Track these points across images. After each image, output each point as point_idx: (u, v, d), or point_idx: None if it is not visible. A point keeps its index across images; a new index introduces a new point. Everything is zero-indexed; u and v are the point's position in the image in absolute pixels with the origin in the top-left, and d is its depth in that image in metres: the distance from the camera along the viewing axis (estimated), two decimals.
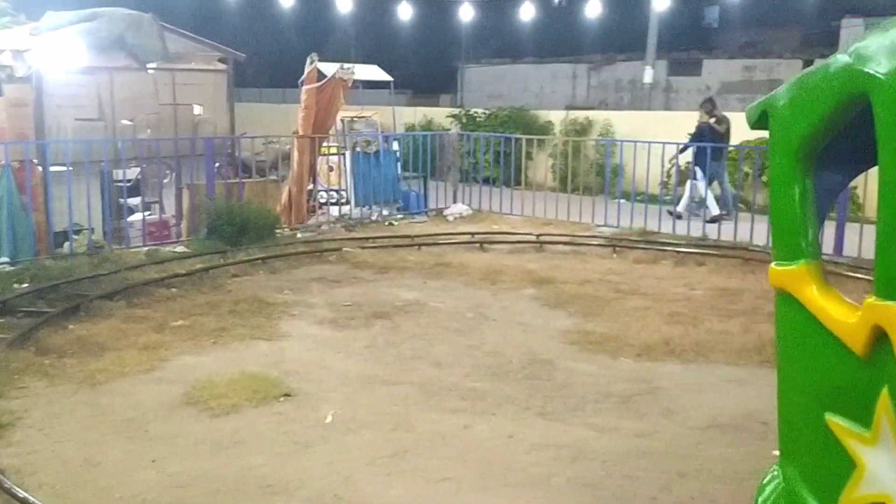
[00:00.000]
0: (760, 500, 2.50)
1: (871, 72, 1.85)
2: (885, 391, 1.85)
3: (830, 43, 26.77)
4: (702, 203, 11.45)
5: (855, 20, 25.73)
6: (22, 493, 3.47)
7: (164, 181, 10.24)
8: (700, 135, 11.73)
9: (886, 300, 1.83)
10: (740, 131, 12.88)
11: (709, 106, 12.21)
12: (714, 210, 11.22)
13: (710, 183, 11.35)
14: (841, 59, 2.02)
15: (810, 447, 2.25)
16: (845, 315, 2.03)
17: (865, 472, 1.97)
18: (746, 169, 12.25)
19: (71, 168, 8.26)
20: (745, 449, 4.17)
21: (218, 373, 5.11)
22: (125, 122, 10.24)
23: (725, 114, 12.22)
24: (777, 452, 3.79)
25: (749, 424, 4.48)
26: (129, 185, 9.02)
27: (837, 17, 26.18)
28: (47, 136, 9.00)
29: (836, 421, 2.07)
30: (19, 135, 8.52)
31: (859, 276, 7.85)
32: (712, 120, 11.94)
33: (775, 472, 2.52)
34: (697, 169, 11.47)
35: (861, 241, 8.54)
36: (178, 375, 5.12)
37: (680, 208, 11.35)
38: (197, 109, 13.00)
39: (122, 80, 10.14)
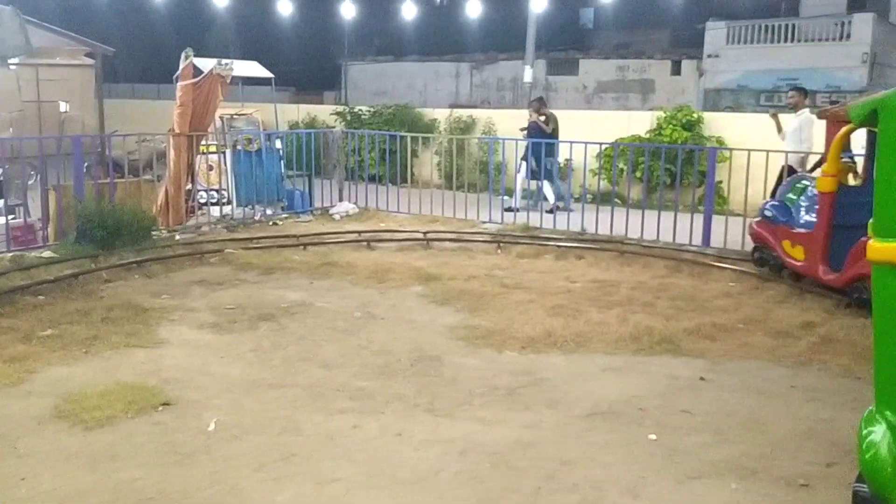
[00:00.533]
0: (865, 433, 3.07)
1: None
2: None
3: (696, 44, 28.26)
4: (538, 195, 12.22)
5: (718, 23, 27.29)
6: None
7: (29, 182, 9.65)
8: (530, 132, 12.52)
9: None
10: (614, 130, 13.42)
11: (537, 105, 13.04)
12: (551, 200, 11.86)
13: (543, 178, 12.08)
14: None
15: None
16: None
17: None
18: (621, 165, 12.76)
19: None
20: (624, 434, 4.35)
21: (91, 384, 4.86)
22: None
23: (553, 112, 13.19)
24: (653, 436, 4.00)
25: (628, 410, 4.68)
26: None
27: (702, 20, 27.68)
28: None
29: None
30: None
31: (724, 265, 8.34)
32: (542, 118, 12.65)
33: (875, 417, 3.09)
34: (524, 164, 12.34)
35: (726, 232, 9.07)
36: (48, 388, 4.84)
37: (550, 201, 12.04)
38: (63, 106, 12.25)
39: None
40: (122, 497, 3.59)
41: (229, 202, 11.27)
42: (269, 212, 11.39)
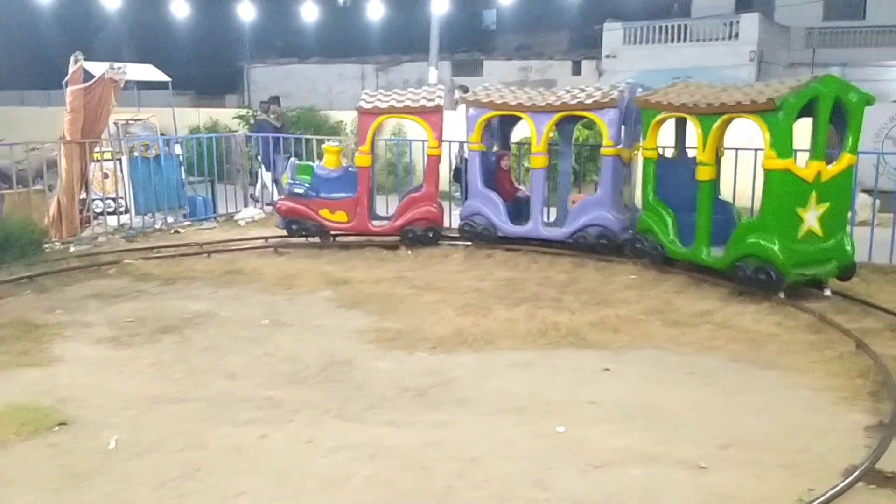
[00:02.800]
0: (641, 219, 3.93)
1: None
2: None
3: (595, 45, 29.03)
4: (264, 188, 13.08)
5: (615, 24, 28.13)
6: None
7: None
8: (259, 129, 13.37)
9: None
10: (522, 129, 13.59)
11: (266, 105, 14.03)
12: (276, 196, 12.06)
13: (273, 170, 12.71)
14: None
15: None
16: None
17: None
18: (526, 164, 12.96)
19: None
20: (532, 428, 4.42)
21: None
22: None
23: (284, 110, 14.51)
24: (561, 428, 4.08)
25: (534, 405, 4.76)
26: None
27: (599, 22, 28.46)
28: None
29: None
30: None
31: (625, 260, 8.58)
32: (272, 116, 13.61)
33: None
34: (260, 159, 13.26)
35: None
36: None
37: (256, 193, 13.13)
38: None
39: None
40: None
41: (127, 211, 10.86)
42: (169, 220, 11.05)
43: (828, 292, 7.25)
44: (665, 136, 8.45)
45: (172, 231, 10.72)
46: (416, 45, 26.50)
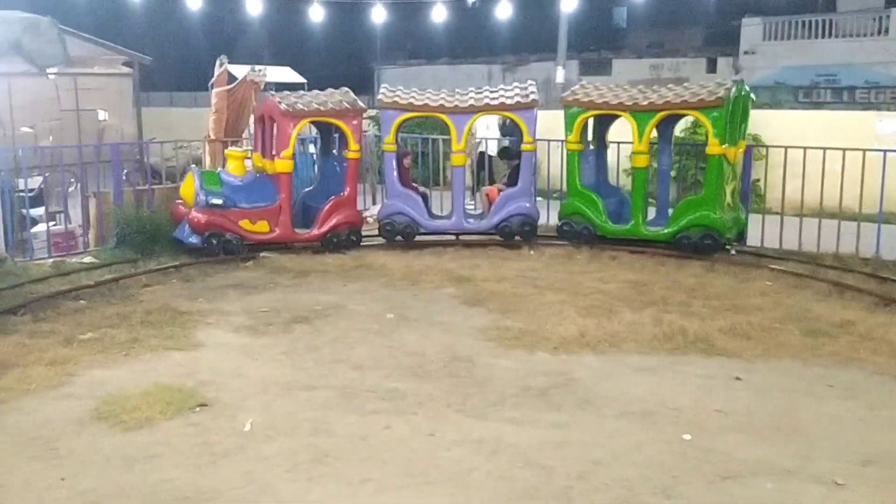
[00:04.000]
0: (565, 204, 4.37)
1: None
2: None
3: (731, 42, 27.89)
4: None
5: (754, 19, 26.90)
6: None
7: (70, 190, 9.85)
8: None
9: None
10: None
11: None
12: None
13: None
14: None
15: None
16: None
17: None
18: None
19: None
20: (657, 434, 4.31)
21: (130, 386, 4.97)
22: (25, 129, 9.83)
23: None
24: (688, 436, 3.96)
25: (660, 410, 4.64)
26: (31, 194, 8.65)
27: (737, 17, 27.30)
28: None
29: None
30: None
31: (761, 264, 8.22)
32: None
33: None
34: None
35: (763, 231, 8.93)
36: (88, 390, 4.95)
37: None
38: (102, 115, 12.50)
39: (20, 86, 9.71)
40: (159, 497, 3.67)
41: None
42: None
43: (734, 252, 8.70)
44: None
45: None
46: (545, 45, 26.34)
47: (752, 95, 9.17)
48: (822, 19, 25.80)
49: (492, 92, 9.58)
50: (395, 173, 9.47)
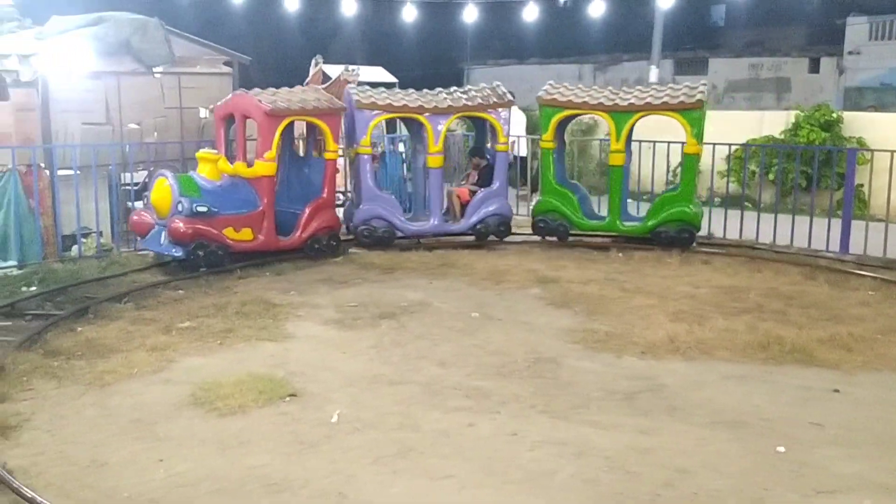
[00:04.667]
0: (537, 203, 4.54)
1: None
2: None
3: (835, 41, 26.69)
4: None
5: (860, 18, 25.65)
6: (30, 493, 3.52)
7: None
8: None
9: None
10: (745, 131, 12.86)
11: None
12: None
13: None
14: None
15: None
16: None
17: None
18: (752, 167, 12.24)
19: (78, 172, 8.32)
20: (748, 445, 4.18)
21: (224, 373, 5.15)
22: (132, 125, 10.28)
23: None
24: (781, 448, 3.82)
25: (751, 421, 4.49)
26: (136, 188, 9.06)
27: (842, 15, 26.09)
28: (54, 141, 9.06)
29: None
30: (25, 139, 8.56)
31: (863, 273, 7.85)
32: None
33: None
34: None
35: (866, 238, 8.52)
36: (185, 376, 5.16)
37: None
38: (203, 112, 12.97)
39: (128, 85, 10.16)
40: (250, 481, 3.79)
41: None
42: None
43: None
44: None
45: None
46: (637, 44, 25.83)
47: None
48: None
49: (464, 93, 9.57)
50: (370, 176, 9.26)
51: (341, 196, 11.68)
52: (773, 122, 13.54)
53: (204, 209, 7.83)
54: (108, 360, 5.42)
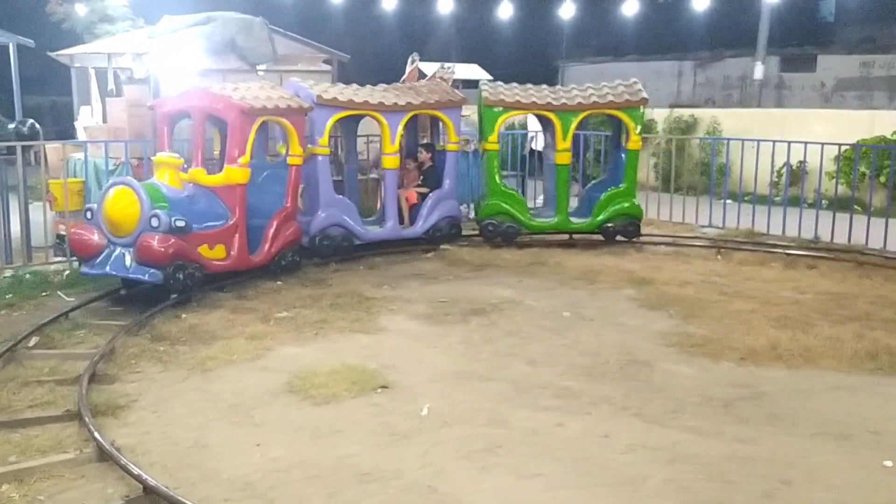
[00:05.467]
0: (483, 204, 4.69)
1: None
2: None
3: None
4: None
5: None
6: (136, 471, 3.69)
7: None
8: None
9: None
10: (856, 131, 12.24)
11: None
12: None
13: None
14: None
15: None
16: None
17: None
18: (863, 168, 11.65)
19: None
20: (855, 458, 3.98)
21: (319, 363, 5.27)
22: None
23: None
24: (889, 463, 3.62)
25: (858, 433, 4.27)
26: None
27: None
28: None
29: None
30: (137, 134, 8.99)
31: None
32: None
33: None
34: None
35: None
36: (282, 365, 5.31)
37: None
38: None
39: (232, 82, 10.54)
40: (342, 470, 3.86)
41: None
42: None
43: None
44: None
45: None
46: (742, 40, 24.97)
47: None
48: None
49: (417, 91, 9.22)
50: (328, 179, 8.49)
51: None
52: (885, 122, 12.85)
53: (182, 224, 6.66)
54: (210, 347, 5.63)
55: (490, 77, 14.33)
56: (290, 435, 4.26)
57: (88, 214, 6.93)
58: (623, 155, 9.53)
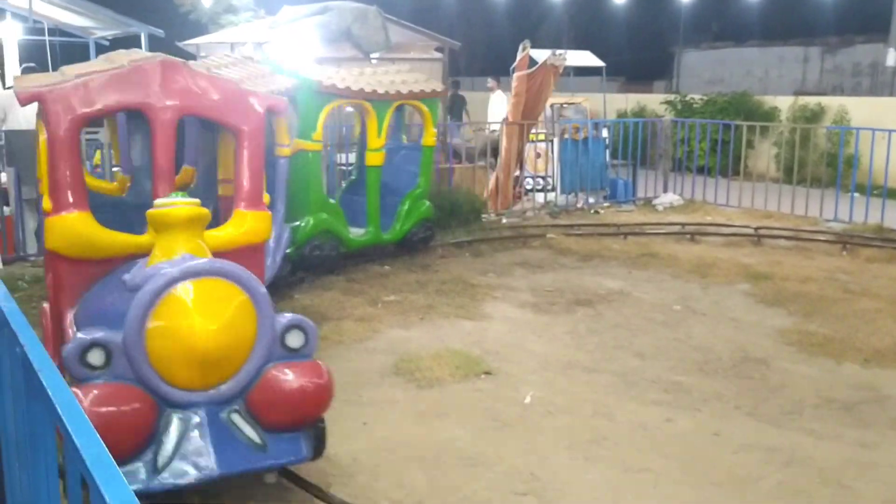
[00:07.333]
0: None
1: None
2: None
3: None
4: None
5: None
6: None
7: None
8: None
9: None
10: None
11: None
12: None
13: None
14: None
15: None
16: None
17: None
18: None
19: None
20: None
21: (424, 347, 5.34)
22: (349, 109, 10.91)
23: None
24: None
25: None
26: (350, 168, 9.59)
27: None
28: None
29: None
30: None
31: None
32: None
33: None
34: None
35: None
36: (389, 347, 5.41)
37: None
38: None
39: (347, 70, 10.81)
40: (445, 453, 3.90)
41: (553, 189, 11.55)
42: (591, 200, 11.47)
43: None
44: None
45: (593, 211, 11.12)
46: (874, 24, 23.50)
47: None
48: None
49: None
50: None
51: (541, 181, 11.71)
52: None
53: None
54: (322, 327, 5.76)
55: (602, 64, 14.05)
56: (395, 415, 4.34)
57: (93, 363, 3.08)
58: (417, 152, 8.07)
